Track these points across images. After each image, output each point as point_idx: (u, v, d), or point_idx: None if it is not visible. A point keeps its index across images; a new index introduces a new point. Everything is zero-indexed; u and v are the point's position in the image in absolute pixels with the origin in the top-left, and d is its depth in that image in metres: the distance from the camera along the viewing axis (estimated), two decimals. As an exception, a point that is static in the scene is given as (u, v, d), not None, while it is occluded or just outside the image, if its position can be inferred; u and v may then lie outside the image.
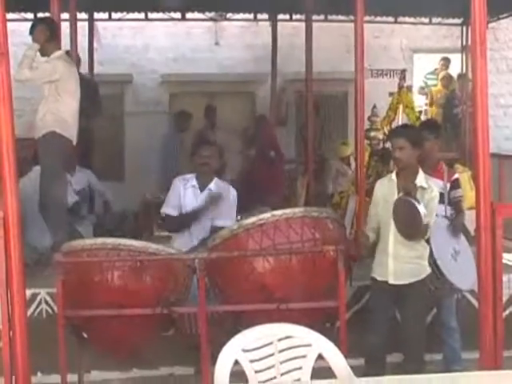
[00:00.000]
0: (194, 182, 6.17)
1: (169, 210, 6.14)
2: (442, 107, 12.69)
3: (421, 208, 4.91)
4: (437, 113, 12.80)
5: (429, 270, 5.26)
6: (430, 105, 13.06)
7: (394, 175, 5.30)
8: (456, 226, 5.67)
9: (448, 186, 5.82)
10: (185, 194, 6.14)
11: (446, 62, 13.27)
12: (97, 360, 5.89)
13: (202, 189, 6.16)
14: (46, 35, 6.76)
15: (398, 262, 5.19)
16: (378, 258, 5.32)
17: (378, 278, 5.32)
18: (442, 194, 5.74)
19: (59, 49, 6.95)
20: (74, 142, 6.95)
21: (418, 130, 5.80)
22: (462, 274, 5.44)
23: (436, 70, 13.46)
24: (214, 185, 6.16)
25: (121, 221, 8.43)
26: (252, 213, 6.21)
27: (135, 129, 12.28)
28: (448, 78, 12.62)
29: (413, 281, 5.20)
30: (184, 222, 6.05)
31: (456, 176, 5.94)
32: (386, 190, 5.30)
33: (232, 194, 6.21)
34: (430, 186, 5.20)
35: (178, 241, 6.05)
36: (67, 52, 7.25)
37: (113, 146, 12.76)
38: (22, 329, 4.22)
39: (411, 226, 5.01)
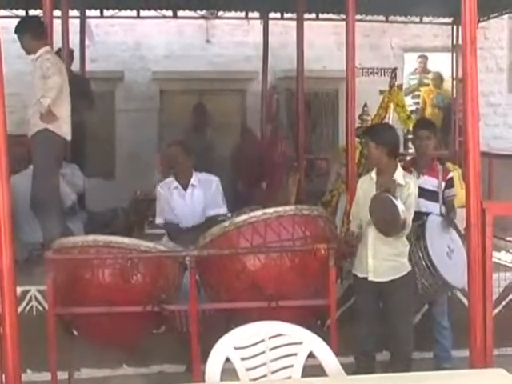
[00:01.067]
0: (176, 184, 6.28)
1: (163, 218, 6.24)
2: (439, 109, 12.65)
3: (399, 204, 4.93)
4: (433, 113, 12.80)
5: (409, 268, 5.27)
6: (423, 105, 13.07)
7: (373, 173, 5.34)
8: (447, 222, 5.71)
9: (443, 184, 5.85)
10: (171, 197, 6.24)
11: (424, 59, 13.32)
12: (87, 357, 5.90)
13: (185, 187, 6.27)
14: (33, 40, 6.78)
15: (377, 259, 5.20)
16: (359, 254, 5.33)
17: (359, 275, 5.33)
18: (436, 193, 5.77)
19: (46, 45, 6.93)
20: (68, 139, 6.95)
21: (383, 129, 5.82)
22: (457, 271, 5.47)
23: (416, 69, 13.52)
24: (195, 180, 6.26)
25: (111, 218, 8.41)
26: (243, 211, 6.24)
27: (126, 126, 12.26)
28: (439, 78, 12.62)
29: (393, 278, 5.21)
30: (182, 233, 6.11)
31: (451, 175, 5.97)
32: (367, 187, 5.34)
33: (215, 181, 6.34)
34: (407, 183, 5.23)
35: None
36: (59, 50, 7.24)
37: (104, 143, 12.73)
38: (12, 326, 4.19)
39: (389, 222, 5.02)
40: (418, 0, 10.01)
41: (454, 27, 12.09)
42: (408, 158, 8.56)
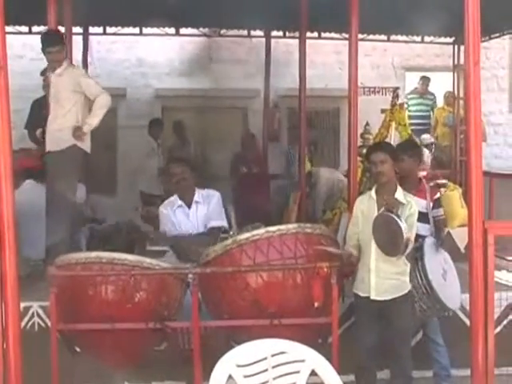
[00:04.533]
0: (179, 202, 6.27)
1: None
2: (449, 128, 12.63)
3: (402, 224, 4.96)
4: (442, 132, 12.80)
5: (409, 287, 5.30)
6: (435, 124, 13.07)
7: (373, 192, 5.36)
8: (439, 243, 5.73)
9: (431, 205, 5.88)
10: (175, 216, 6.24)
11: (426, 80, 13.35)
12: (89, 374, 5.88)
13: (188, 205, 6.26)
14: (61, 53, 6.94)
15: (380, 278, 5.22)
16: (360, 274, 5.34)
17: (361, 294, 5.34)
18: (425, 214, 5.78)
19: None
20: (89, 152, 7.08)
21: (394, 146, 5.92)
22: (451, 292, 5.50)
23: (416, 88, 13.55)
24: (199, 197, 6.27)
25: (113, 234, 8.42)
26: (246, 228, 6.26)
27: (128, 143, 12.29)
28: (452, 97, 12.57)
29: (394, 296, 5.24)
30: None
31: (438, 195, 6.00)
32: (366, 207, 5.36)
33: (216, 196, 6.36)
34: (408, 202, 5.27)
35: None
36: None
37: (105, 159, 12.76)
38: (15, 341, 4.21)
39: (392, 241, 5.04)
40: (420, 19, 10.06)
41: (456, 47, 12.16)
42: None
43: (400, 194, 5.29)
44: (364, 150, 9.17)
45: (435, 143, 12.26)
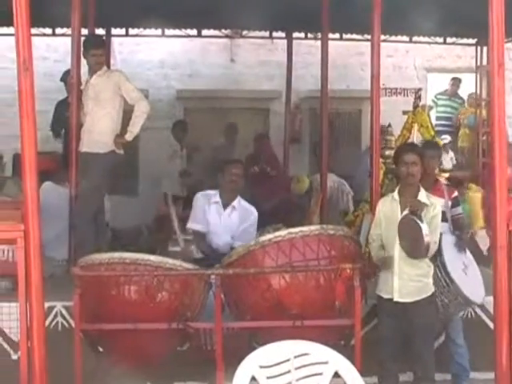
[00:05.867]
0: (218, 199, 6.22)
1: (195, 225, 6.21)
2: (470, 129, 12.41)
3: (423, 227, 4.96)
4: (463, 133, 12.67)
5: (433, 289, 5.30)
6: (458, 125, 12.96)
7: (396, 194, 5.36)
8: (462, 242, 5.72)
9: (449, 203, 5.87)
10: (209, 210, 6.19)
11: (457, 81, 13.24)
12: (112, 373, 5.91)
13: (225, 206, 6.22)
14: (104, 56, 7.14)
15: (403, 280, 5.22)
16: (384, 276, 5.35)
17: (384, 296, 5.34)
18: (443, 212, 5.77)
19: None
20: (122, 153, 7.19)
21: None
22: (474, 286, 5.49)
23: (446, 90, 13.44)
24: (238, 203, 6.21)
25: (135, 235, 8.46)
26: (267, 230, 6.25)
27: (150, 144, 12.32)
28: (474, 99, 12.43)
29: (418, 299, 5.24)
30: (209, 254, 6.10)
31: (455, 194, 5.99)
32: (389, 209, 5.36)
33: (254, 215, 6.27)
34: (432, 203, 5.27)
35: None
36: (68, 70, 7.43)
37: (127, 160, 12.79)
38: (40, 341, 4.24)
39: (414, 244, 5.06)
40: (442, 21, 10.01)
41: (479, 48, 12.09)
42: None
43: (423, 195, 5.28)
44: (386, 152, 9.18)
45: (451, 144, 12.12)
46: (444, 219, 5.75)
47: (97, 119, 7.01)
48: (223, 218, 6.18)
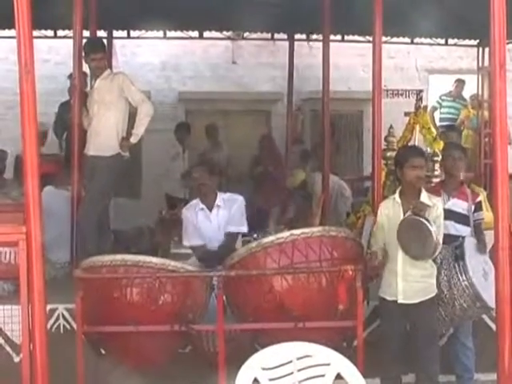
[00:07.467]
0: (202, 205, 6.30)
1: (192, 241, 6.29)
2: (472, 130, 12.40)
3: (431, 227, 4.95)
4: (466, 135, 12.63)
5: (436, 290, 5.28)
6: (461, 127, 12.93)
7: (397, 196, 5.35)
8: (482, 245, 5.70)
9: (472, 207, 5.85)
10: (197, 219, 6.26)
11: (461, 83, 13.22)
12: (114, 376, 5.90)
13: (210, 208, 6.28)
14: (105, 60, 7.14)
15: (408, 282, 5.21)
16: (387, 278, 5.34)
17: (388, 298, 5.33)
18: (467, 217, 5.76)
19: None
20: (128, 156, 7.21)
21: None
22: (493, 293, 5.46)
23: (451, 92, 13.43)
24: (221, 201, 6.28)
25: (137, 237, 8.45)
26: (269, 231, 6.27)
27: (152, 146, 12.32)
28: (476, 100, 12.41)
29: (422, 300, 5.23)
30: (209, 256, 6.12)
31: (479, 198, 5.95)
32: (391, 211, 5.35)
33: (239, 201, 6.35)
34: (434, 204, 5.25)
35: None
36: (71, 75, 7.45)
37: (130, 162, 12.78)
38: (42, 343, 4.23)
39: (421, 245, 5.04)
40: (444, 22, 10.02)
41: (480, 49, 12.08)
42: (434, 180, 8.55)
43: (425, 196, 5.27)
44: (388, 153, 9.17)
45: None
46: (467, 223, 5.76)
47: (103, 122, 7.01)
48: (213, 220, 6.25)
